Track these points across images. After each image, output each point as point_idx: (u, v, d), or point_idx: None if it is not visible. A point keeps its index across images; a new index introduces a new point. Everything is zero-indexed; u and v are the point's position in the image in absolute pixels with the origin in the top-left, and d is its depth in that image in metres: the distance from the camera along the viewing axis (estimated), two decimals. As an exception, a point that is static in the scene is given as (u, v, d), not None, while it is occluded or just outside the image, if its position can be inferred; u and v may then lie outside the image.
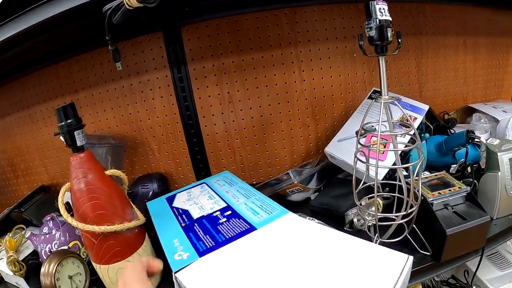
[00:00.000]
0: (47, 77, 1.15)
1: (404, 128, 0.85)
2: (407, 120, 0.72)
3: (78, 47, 1.05)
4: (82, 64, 1.10)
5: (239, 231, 0.69)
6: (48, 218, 0.87)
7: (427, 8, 1.32)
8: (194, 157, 1.16)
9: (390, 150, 0.90)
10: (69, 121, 0.68)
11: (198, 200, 0.89)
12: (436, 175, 0.92)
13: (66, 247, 0.84)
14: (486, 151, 0.91)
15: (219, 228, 0.72)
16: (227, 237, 0.67)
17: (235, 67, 1.09)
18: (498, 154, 0.87)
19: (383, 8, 0.65)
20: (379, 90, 0.70)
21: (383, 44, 0.66)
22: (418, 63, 1.34)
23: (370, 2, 0.65)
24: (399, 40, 0.69)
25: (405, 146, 0.88)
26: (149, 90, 1.10)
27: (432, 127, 1.17)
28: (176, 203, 0.90)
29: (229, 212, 0.79)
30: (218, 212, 0.79)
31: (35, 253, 0.89)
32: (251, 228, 0.69)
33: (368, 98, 1.10)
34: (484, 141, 0.95)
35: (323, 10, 1.14)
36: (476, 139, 1.00)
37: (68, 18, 0.67)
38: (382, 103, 0.68)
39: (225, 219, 0.75)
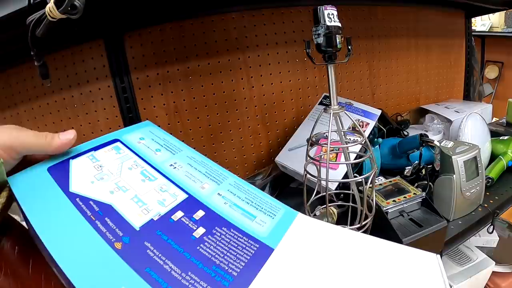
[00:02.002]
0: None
1: (356, 134, 0.83)
2: (357, 130, 0.69)
3: (16, 58, 0.98)
4: (21, 75, 1.02)
5: (246, 257, 0.38)
6: None
7: (379, 10, 1.32)
8: (141, 172, 1.09)
9: (341, 163, 0.89)
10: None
11: (123, 179, 0.44)
12: (390, 181, 0.91)
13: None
14: (440, 154, 0.91)
15: (204, 253, 0.37)
16: (233, 273, 0.35)
17: (180, 75, 1.04)
18: (453, 157, 0.87)
19: (332, 14, 0.62)
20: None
21: (331, 52, 0.63)
22: (370, 65, 1.34)
23: (318, 7, 0.62)
24: (349, 47, 0.66)
25: (357, 156, 0.86)
26: (91, 101, 1.03)
27: (385, 130, 1.17)
28: (77, 186, 0.42)
29: (201, 212, 0.42)
30: (180, 213, 0.41)
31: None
32: (263, 248, 0.39)
33: (319, 104, 1.08)
34: (438, 144, 0.95)
35: (272, 14, 1.11)
36: (429, 143, 1.00)
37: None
38: (332, 114, 0.66)
39: (202, 230, 0.40)
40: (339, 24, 0.62)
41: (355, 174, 0.87)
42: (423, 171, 1.01)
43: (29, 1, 0.57)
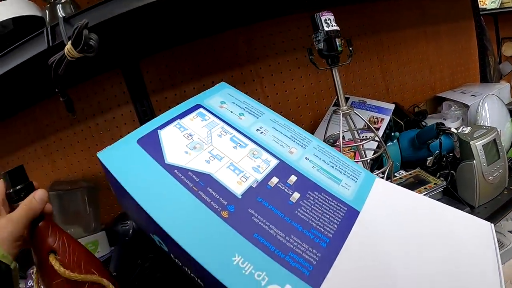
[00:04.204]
0: (13, 126, 1.11)
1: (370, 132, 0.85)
2: (368, 127, 0.72)
3: (41, 94, 1.03)
4: (47, 109, 1.08)
5: (338, 220, 0.42)
6: (32, 270, 0.84)
7: (381, 5, 1.32)
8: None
9: (357, 161, 0.90)
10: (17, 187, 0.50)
11: (215, 148, 0.47)
12: (411, 174, 0.92)
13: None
14: (458, 140, 0.90)
15: (302, 216, 0.41)
16: (329, 235, 0.40)
17: (196, 93, 1.06)
18: (471, 142, 0.86)
19: (329, 19, 0.65)
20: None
21: (334, 55, 0.66)
22: (381, 61, 1.35)
23: (315, 14, 0.65)
24: (350, 48, 0.69)
25: (374, 152, 0.87)
26: (116, 127, 1.08)
27: (402, 123, 1.17)
28: (172, 157, 0.45)
29: (294, 177, 0.46)
30: (275, 179, 0.45)
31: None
32: (350, 211, 0.44)
33: (333, 105, 1.10)
34: (455, 131, 0.94)
35: (277, 23, 1.13)
36: (447, 130, 1.00)
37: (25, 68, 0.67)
38: (341, 114, 0.68)
39: (297, 194, 0.43)
40: (337, 28, 0.65)
41: (375, 171, 0.88)
42: (444, 160, 1.01)
43: (48, 44, 0.62)
